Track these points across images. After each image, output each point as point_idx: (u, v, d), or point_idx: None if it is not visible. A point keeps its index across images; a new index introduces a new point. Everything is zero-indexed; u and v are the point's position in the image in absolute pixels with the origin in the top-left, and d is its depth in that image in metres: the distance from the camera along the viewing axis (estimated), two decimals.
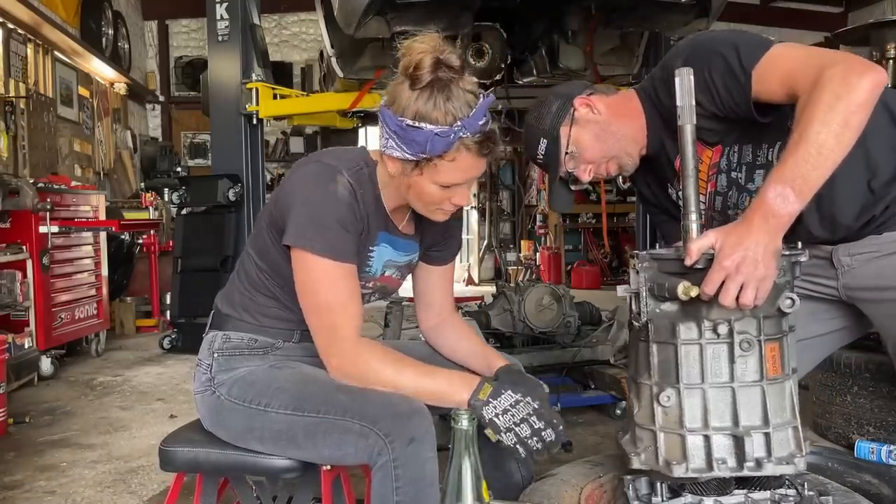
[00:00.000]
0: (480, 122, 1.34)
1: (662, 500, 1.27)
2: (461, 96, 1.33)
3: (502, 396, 1.35)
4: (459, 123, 1.32)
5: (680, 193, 1.60)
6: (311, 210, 1.40)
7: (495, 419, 1.33)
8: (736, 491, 1.24)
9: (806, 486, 1.27)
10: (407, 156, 1.37)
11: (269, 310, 1.56)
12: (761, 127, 1.44)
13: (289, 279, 1.47)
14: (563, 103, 1.65)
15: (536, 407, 1.33)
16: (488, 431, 1.33)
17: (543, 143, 1.66)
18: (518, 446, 1.32)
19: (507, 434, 1.32)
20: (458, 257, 1.78)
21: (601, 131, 1.62)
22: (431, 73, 1.31)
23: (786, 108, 1.37)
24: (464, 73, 1.35)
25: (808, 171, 1.21)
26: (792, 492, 1.26)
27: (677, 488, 1.26)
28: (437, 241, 1.67)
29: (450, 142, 1.33)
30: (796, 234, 1.52)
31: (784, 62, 1.34)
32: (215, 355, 1.56)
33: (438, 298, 1.72)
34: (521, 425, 1.32)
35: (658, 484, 1.27)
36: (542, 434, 1.33)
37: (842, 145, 1.22)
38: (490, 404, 1.34)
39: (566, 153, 1.64)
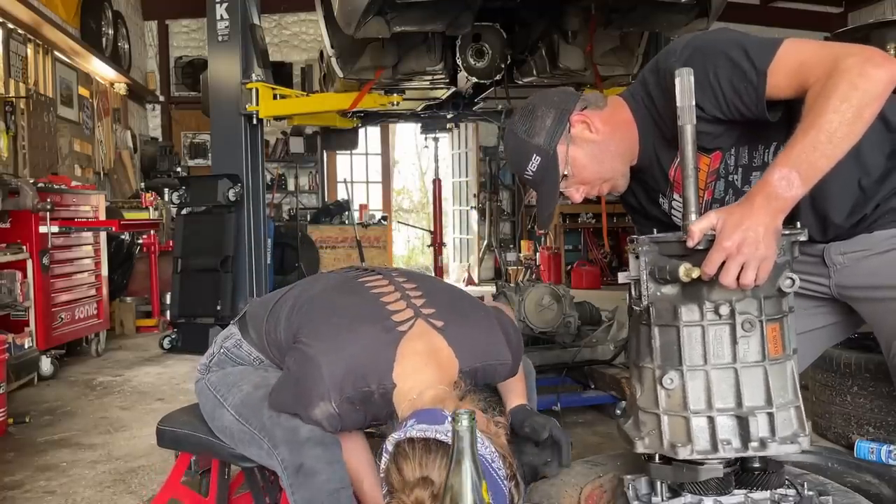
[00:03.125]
0: None
1: (662, 500, 1.27)
2: None
3: None
4: None
5: (673, 203, 1.60)
6: (286, 400, 1.46)
7: None
8: (736, 491, 1.24)
9: (806, 486, 1.27)
10: None
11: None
12: (759, 128, 1.42)
13: None
14: (558, 117, 1.54)
15: None
16: None
17: (536, 161, 1.54)
18: None
19: None
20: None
21: (599, 152, 1.54)
22: None
23: (791, 104, 1.36)
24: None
25: (816, 158, 1.21)
26: (792, 492, 1.26)
27: (677, 488, 1.26)
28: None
29: None
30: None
31: (796, 55, 1.32)
32: (222, 350, 1.70)
33: (514, 397, 1.67)
34: None
35: (658, 483, 1.27)
36: None
37: (852, 136, 1.22)
38: None
39: (563, 175, 1.54)
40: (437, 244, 7.81)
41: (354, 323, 1.50)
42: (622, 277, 1.28)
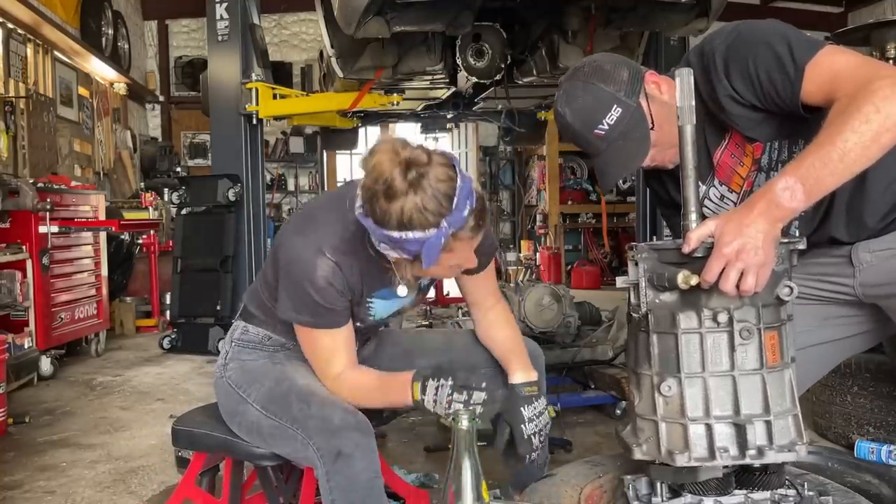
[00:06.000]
0: (465, 213, 1.31)
1: (662, 500, 1.27)
2: (438, 192, 1.29)
3: (428, 388, 1.44)
4: (445, 222, 1.29)
5: (712, 191, 1.59)
6: (294, 294, 1.50)
7: (436, 411, 1.43)
8: (736, 491, 1.24)
9: (806, 486, 1.27)
10: (406, 256, 1.37)
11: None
12: (798, 122, 1.41)
13: None
14: (634, 72, 1.49)
15: (451, 387, 1.41)
16: (443, 419, 1.44)
17: (616, 113, 1.45)
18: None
19: (448, 417, 1.37)
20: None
21: (671, 114, 1.44)
22: (404, 181, 1.28)
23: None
24: (432, 161, 1.31)
25: (824, 174, 1.19)
26: (792, 492, 1.26)
27: (677, 488, 1.26)
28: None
29: (441, 245, 1.31)
30: (818, 236, 1.50)
31: (832, 66, 1.31)
32: (232, 343, 1.70)
33: (481, 296, 1.75)
34: (451, 407, 1.40)
35: (658, 484, 1.27)
36: (466, 400, 1.40)
37: (865, 158, 1.20)
38: (424, 399, 1.45)
39: (651, 128, 1.47)
40: None
41: (316, 210, 1.61)
42: (620, 282, 1.28)
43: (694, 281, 1.17)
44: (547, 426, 1.60)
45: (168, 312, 5.41)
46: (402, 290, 1.57)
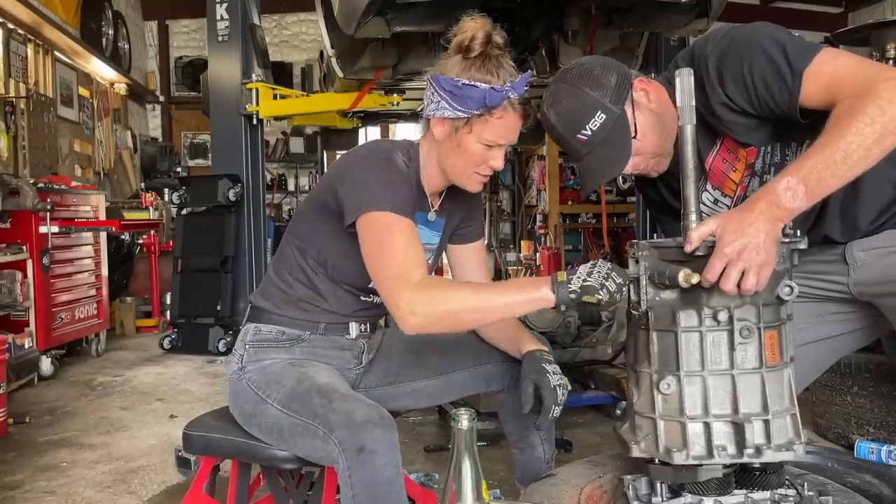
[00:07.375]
0: (525, 88, 1.48)
1: (662, 500, 1.27)
2: (508, 67, 1.48)
3: (579, 269, 1.34)
4: (509, 84, 1.45)
5: (703, 196, 1.59)
6: (372, 177, 1.51)
7: (586, 283, 1.31)
8: (736, 491, 1.24)
9: (806, 486, 1.27)
10: (459, 113, 1.47)
11: (299, 302, 1.65)
12: (791, 126, 1.40)
13: (328, 257, 1.61)
14: (622, 78, 1.47)
15: (610, 266, 1.32)
16: (586, 297, 1.31)
17: (600, 119, 1.43)
18: (610, 299, 1.31)
19: (602, 290, 1.30)
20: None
21: (657, 122, 1.48)
22: (483, 46, 1.47)
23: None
24: (506, 52, 1.50)
25: (826, 175, 1.19)
26: (792, 492, 1.26)
27: (677, 488, 1.26)
28: (463, 218, 1.75)
29: (503, 97, 1.45)
30: (813, 235, 1.51)
31: (832, 69, 1.30)
32: (247, 346, 1.67)
33: (475, 276, 1.77)
34: (608, 281, 1.31)
35: (658, 484, 1.27)
36: (623, 288, 1.31)
37: (868, 160, 1.20)
38: (573, 278, 1.32)
39: (633, 137, 1.46)
40: None
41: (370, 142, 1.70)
42: None
43: (695, 280, 1.17)
44: (567, 388, 1.55)
45: (168, 312, 5.42)
46: (431, 216, 1.66)
